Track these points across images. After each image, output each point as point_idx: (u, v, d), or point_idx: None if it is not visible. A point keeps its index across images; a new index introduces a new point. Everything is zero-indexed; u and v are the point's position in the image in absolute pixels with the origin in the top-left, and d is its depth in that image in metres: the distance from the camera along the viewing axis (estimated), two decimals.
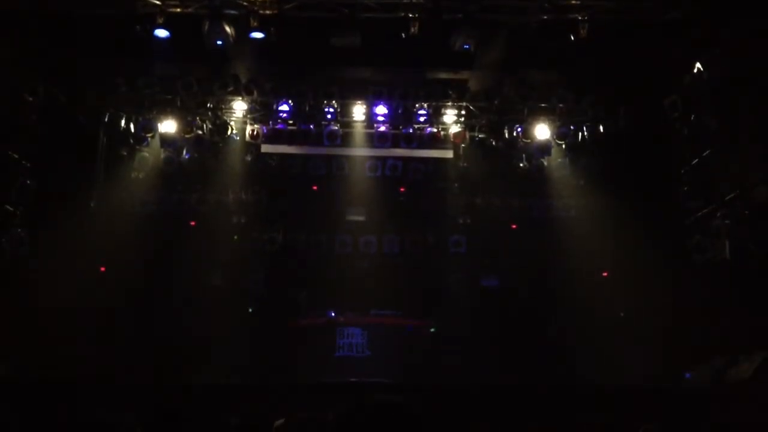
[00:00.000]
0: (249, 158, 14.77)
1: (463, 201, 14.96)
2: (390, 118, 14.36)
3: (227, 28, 10.70)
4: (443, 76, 13.96)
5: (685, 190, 12.28)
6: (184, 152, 14.42)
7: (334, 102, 14.09)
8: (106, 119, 13.96)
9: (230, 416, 6.48)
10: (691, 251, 11.43)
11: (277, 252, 14.45)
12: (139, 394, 7.63)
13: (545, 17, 10.77)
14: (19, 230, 11.20)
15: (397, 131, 14.60)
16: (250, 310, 14.01)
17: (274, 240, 14.42)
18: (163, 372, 11.19)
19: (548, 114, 14.16)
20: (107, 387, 9.10)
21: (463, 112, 14.52)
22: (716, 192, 11.69)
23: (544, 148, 14.35)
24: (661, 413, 7.66)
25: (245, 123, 14.44)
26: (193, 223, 14.53)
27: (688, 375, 11.46)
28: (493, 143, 14.60)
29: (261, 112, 14.32)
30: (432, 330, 13.52)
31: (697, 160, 12.25)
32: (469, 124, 14.69)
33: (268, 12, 10.80)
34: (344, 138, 14.60)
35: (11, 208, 11.35)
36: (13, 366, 10.34)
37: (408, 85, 13.84)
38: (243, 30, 10.89)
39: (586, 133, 14.39)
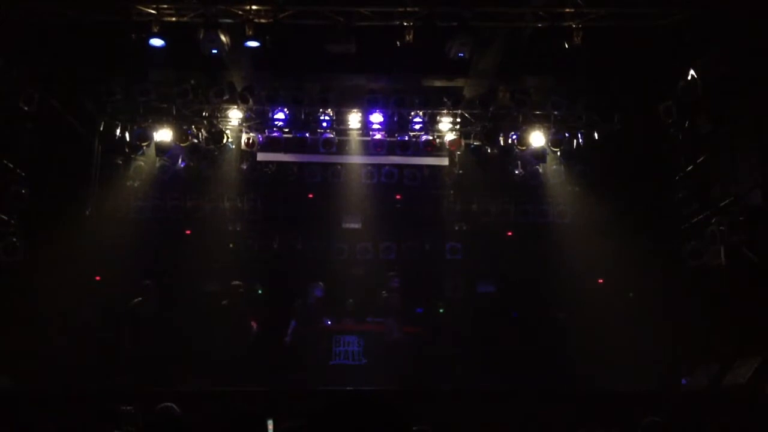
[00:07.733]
0: (245, 166, 14.80)
1: (459, 208, 15.00)
2: (385, 125, 14.41)
3: (222, 37, 10.68)
4: (438, 83, 14.00)
5: (680, 196, 12.31)
6: (180, 161, 14.44)
7: (329, 110, 14.14)
8: (101, 128, 13.98)
9: (225, 422, 6.44)
10: (686, 257, 11.43)
11: (273, 259, 14.42)
12: (136, 400, 7.58)
13: (539, 25, 10.80)
14: (14, 239, 11.12)
15: (392, 139, 14.63)
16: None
17: (270, 247, 14.42)
18: (159, 378, 11.12)
19: (543, 121, 14.22)
20: (104, 394, 9.04)
21: (458, 120, 14.57)
22: (711, 197, 11.71)
23: (539, 155, 14.40)
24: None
25: (241, 131, 14.48)
26: (188, 232, 14.52)
27: (684, 381, 11.47)
28: (489, 150, 14.62)
29: (256, 120, 14.35)
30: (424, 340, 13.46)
31: (691, 166, 12.29)
32: (464, 131, 14.74)
33: (263, 20, 10.79)
34: (340, 146, 14.65)
35: (5, 217, 11.29)
36: (11, 379, 10.28)
37: (403, 93, 13.88)
38: (238, 38, 10.89)
39: (581, 140, 14.44)
